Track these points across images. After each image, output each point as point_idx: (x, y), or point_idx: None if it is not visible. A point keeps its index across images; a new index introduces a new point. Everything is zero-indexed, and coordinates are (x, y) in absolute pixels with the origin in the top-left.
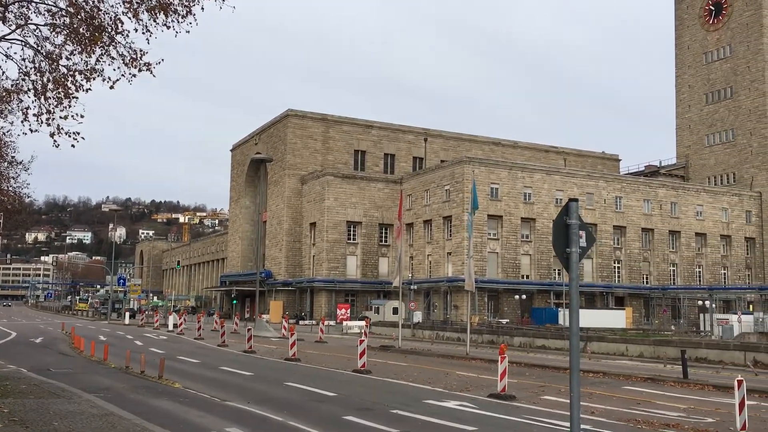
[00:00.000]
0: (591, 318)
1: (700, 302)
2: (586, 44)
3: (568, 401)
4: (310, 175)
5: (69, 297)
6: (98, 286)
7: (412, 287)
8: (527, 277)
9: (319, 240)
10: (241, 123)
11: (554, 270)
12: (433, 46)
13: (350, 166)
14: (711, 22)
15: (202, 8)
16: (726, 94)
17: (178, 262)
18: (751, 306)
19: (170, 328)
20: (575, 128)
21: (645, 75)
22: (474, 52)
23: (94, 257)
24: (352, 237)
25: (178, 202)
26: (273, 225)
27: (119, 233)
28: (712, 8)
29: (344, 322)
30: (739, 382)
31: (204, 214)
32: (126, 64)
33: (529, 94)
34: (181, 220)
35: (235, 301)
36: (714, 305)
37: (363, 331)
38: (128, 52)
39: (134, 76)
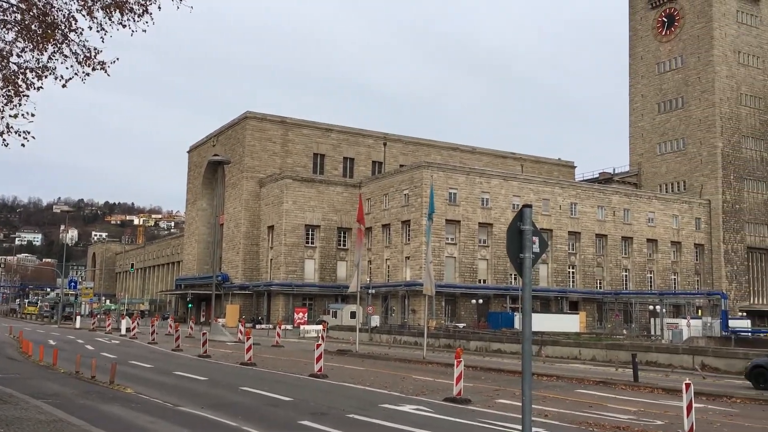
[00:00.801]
0: (546, 322)
1: (651, 307)
2: (544, 53)
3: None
4: (269, 178)
5: (18, 300)
6: (48, 289)
7: (370, 291)
8: (484, 281)
9: (277, 243)
10: (198, 124)
11: (510, 275)
12: (393, 51)
13: (309, 170)
14: (663, 33)
15: (159, 7)
16: (677, 104)
17: (132, 264)
18: (699, 311)
19: (123, 332)
20: (532, 135)
21: (601, 84)
22: (434, 58)
23: (44, 259)
24: (310, 240)
25: (132, 203)
26: (230, 228)
27: (71, 235)
28: (665, 20)
29: (301, 326)
30: (687, 386)
31: (159, 216)
32: (79, 63)
33: (487, 100)
34: (136, 222)
35: (190, 305)
36: (664, 310)
37: (320, 335)
38: (82, 50)
39: (88, 74)
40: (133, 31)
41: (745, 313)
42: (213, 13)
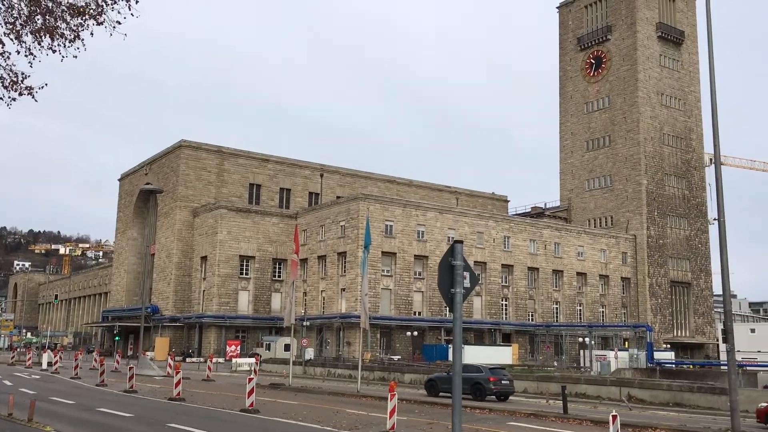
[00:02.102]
0: (479, 354)
1: (580, 339)
2: (479, 89)
3: None
4: (203, 208)
5: None
6: None
7: (304, 323)
8: (419, 313)
9: (210, 274)
10: (131, 153)
11: (445, 307)
12: (332, 84)
13: (245, 200)
14: (592, 74)
15: (92, 33)
16: (605, 142)
17: (56, 296)
18: (626, 342)
19: (44, 366)
20: (467, 169)
21: (535, 121)
22: (372, 91)
23: None
24: (244, 272)
25: (58, 232)
26: (162, 258)
27: None
28: (593, 62)
29: (234, 360)
30: (614, 417)
31: (87, 245)
32: (5, 87)
33: (424, 134)
34: (62, 251)
35: (117, 338)
36: (593, 342)
37: (252, 368)
38: (8, 74)
39: (14, 99)
40: (63, 56)
41: (669, 345)
42: (148, 39)
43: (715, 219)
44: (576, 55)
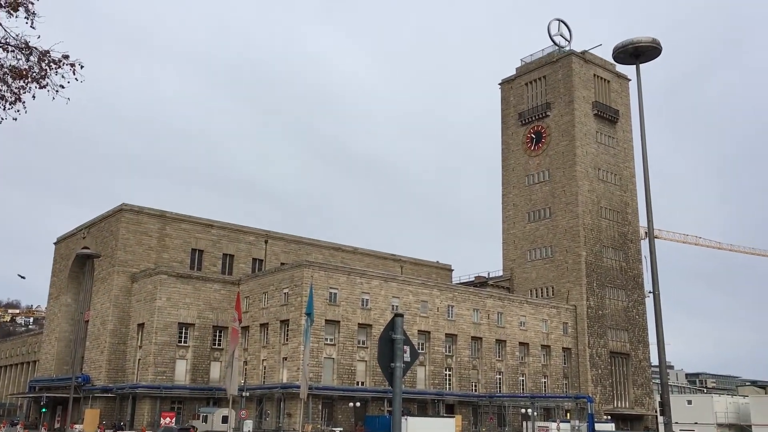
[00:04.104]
0: (422, 426)
1: (523, 410)
2: (425, 159)
3: None
4: (142, 273)
5: None
6: None
7: (244, 394)
8: (362, 383)
9: (146, 342)
10: (68, 215)
11: None
12: (278, 150)
13: (186, 265)
14: (532, 148)
15: (33, 96)
16: (545, 214)
17: None
18: (568, 414)
19: None
20: (412, 238)
21: (479, 192)
22: (319, 160)
23: None
24: (183, 339)
25: None
26: (96, 325)
27: None
28: (534, 136)
29: None
30: None
31: (17, 311)
32: None
33: (370, 203)
34: None
35: (44, 410)
36: (535, 413)
37: None
38: None
39: None
40: (2, 118)
41: (609, 417)
42: (89, 102)
43: (650, 292)
44: (517, 130)
